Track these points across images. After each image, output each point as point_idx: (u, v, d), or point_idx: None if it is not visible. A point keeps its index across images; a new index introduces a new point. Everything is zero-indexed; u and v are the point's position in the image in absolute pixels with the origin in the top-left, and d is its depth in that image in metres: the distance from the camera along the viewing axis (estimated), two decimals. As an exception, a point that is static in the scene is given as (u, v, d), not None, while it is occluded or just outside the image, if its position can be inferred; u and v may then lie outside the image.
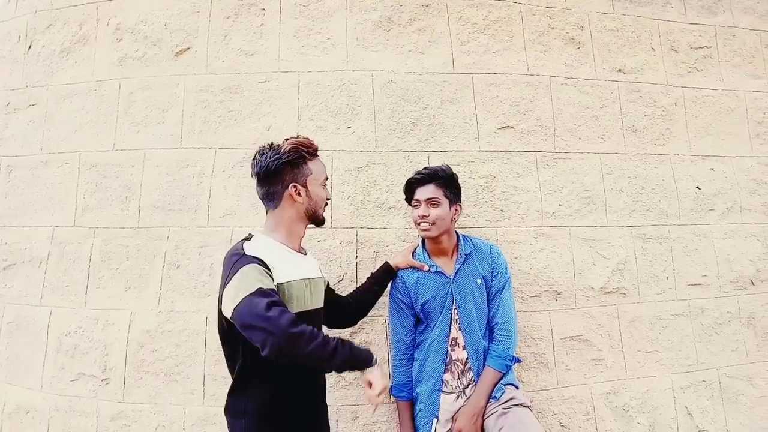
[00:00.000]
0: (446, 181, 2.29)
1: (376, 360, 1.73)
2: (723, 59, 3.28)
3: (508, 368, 2.24)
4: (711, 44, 3.26)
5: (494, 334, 2.27)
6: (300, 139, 1.89)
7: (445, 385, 2.25)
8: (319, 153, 1.96)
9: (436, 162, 2.71)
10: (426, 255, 2.35)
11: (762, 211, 3.17)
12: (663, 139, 3.06)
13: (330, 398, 2.17)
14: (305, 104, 2.77)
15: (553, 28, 3.00)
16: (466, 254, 2.31)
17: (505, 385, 2.22)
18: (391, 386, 2.36)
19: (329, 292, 2.20)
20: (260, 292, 1.60)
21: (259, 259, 1.70)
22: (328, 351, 1.60)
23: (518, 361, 2.31)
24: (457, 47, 2.88)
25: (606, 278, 2.84)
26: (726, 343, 2.98)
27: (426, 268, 2.31)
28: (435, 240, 2.30)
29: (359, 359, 1.69)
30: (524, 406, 2.16)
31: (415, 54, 2.85)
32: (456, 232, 2.39)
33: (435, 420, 2.22)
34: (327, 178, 1.98)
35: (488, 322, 2.31)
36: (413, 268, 2.33)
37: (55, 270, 2.81)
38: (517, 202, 2.79)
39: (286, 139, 1.89)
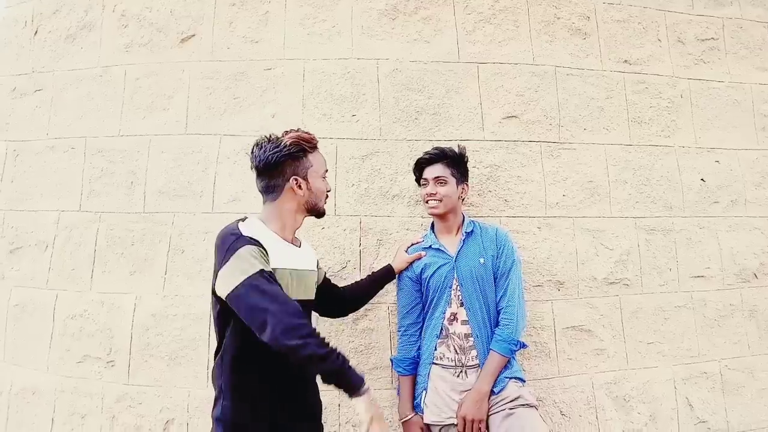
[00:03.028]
0: (454, 161, 2.37)
1: (366, 389, 1.62)
2: (730, 51, 3.26)
3: (512, 353, 2.23)
4: (718, 36, 3.25)
5: (500, 317, 2.28)
6: (300, 133, 1.89)
7: (441, 358, 2.26)
8: (321, 143, 1.98)
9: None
10: (433, 235, 2.42)
11: (766, 204, 3.16)
12: (668, 131, 3.05)
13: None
14: (310, 92, 2.78)
15: (559, 18, 2.99)
16: (467, 232, 2.35)
17: (509, 378, 2.21)
18: (392, 359, 2.43)
19: (326, 283, 2.23)
20: (262, 275, 1.61)
21: (257, 241, 1.71)
22: (323, 352, 1.56)
23: (524, 346, 2.30)
24: (463, 36, 2.88)
25: (609, 269, 2.84)
26: (728, 335, 2.99)
27: (423, 255, 2.36)
28: (442, 217, 2.36)
29: (349, 379, 1.61)
30: (531, 406, 2.16)
31: (421, 43, 2.85)
32: (463, 214, 2.44)
33: (423, 392, 2.27)
34: (327, 171, 1.99)
35: (496, 305, 2.31)
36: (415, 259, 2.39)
37: (61, 254, 2.84)
38: (521, 192, 2.79)
39: (286, 132, 1.89)
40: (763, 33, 3.34)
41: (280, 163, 1.84)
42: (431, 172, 2.36)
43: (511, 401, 2.14)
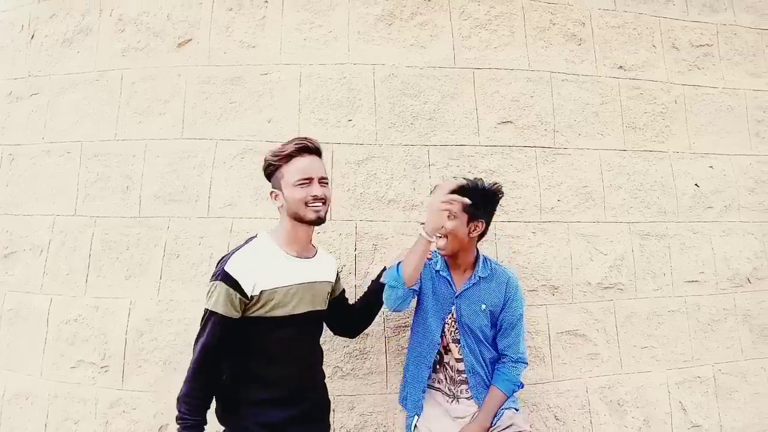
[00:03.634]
0: (471, 196, 2.08)
1: None
2: (724, 57, 3.28)
3: (513, 392, 2.21)
4: (712, 42, 3.27)
5: (505, 359, 2.22)
6: (271, 151, 1.96)
7: (437, 383, 2.27)
8: (312, 152, 1.94)
9: (435, 156, 2.73)
10: (444, 263, 2.28)
11: (760, 210, 3.18)
12: (662, 137, 3.07)
13: (327, 388, 2.20)
14: (306, 97, 2.78)
15: (554, 24, 3.00)
16: (480, 277, 2.23)
17: (506, 408, 2.19)
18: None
19: (341, 297, 2.24)
20: (214, 320, 1.80)
21: (234, 281, 1.80)
22: (177, 414, 1.79)
23: (522, 386, 2.26)
24: (459, 42, 2.89)
25: (603, 274, 2.86)
26: (721, 339, 3.00)
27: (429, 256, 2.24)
28: (450, 256, 2.24)
29: None
30: None
31: (417, 48, 2.86)
32: (478, 251, 2.29)
33: (416, 417, 2.25)
34: (308, 179, 1.89)
35: (494, 346, 2.25)
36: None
37: (55, 258, 2.83)
38: (516, 197, 2.80)
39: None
40: (757, 39, 3.36)
41: (269, 180, 1.99)
42: None
43: (504, 429, 2.13)
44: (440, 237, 2.15)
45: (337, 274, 2.18)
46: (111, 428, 2.61)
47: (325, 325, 2.19)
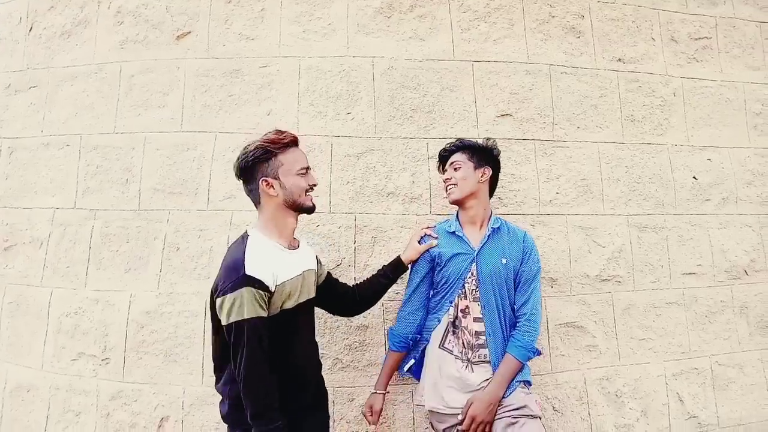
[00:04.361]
0: (471, 147, 2.36)
1: None
2: (722, 50, 3.28)
3: (528, 359, 2.21)
4: (711, 35, 3.27)
5: (519, 323, 2.22)
6: (265, 136, 1.95)
7: (450, 347, 2.24)
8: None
9: (434, 149, 2.73)
10: (458, 224, 2.35)
11: (757, 202, 3.19)
12: (661, 129, 3.08)
13: (327, 380, 2.22)
14: (305, 89, 2.78)
15: (553, 16, 3.00)
16: (494, 228, 2.29)
17: (519, 381, 2.17)
18: (389, 330, 2.39)
19: (329, 279, 2.26)
20: (251, 326, 1.75)
21: (259, 281, 1.78)
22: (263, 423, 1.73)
23: (539, 353, 2.26)
24: (458, 34, 2.89)
25: (601, 266, 2.87)
26: (718, 331, 3.02)
27: (435, 244, 2.31)
28: (462, 205, 2.33)
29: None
30: (534, 417, 2.11)
31: (416, 41, 2.86)
32: (491, 209, 2.40)
33: (412, 361, 2.32)
34: (306, 168, 1.97)
35: (512, 308, 2.26)
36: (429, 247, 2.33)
37: (55, 251, 2.84)
38: (514, 190, 2.81)
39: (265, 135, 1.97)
40: (755, 32, 3.36)
41: (250, 169, 1.94)
42: (449, 160, 2.37)
43: (515, 409, 2.10)
44: (453, 187, 2.30)
45: (317, 259, 2.19)
46: (112, 420, 2.63)
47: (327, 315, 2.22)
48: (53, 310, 2.79)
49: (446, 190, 2.36)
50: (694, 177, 3.08)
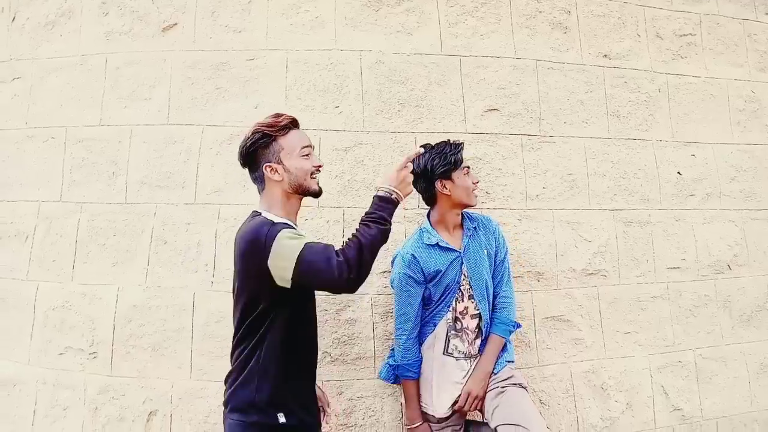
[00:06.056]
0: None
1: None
2: (707, 47, 3.32)
3: (510, 333, 2.37)
4: (695, 32, 3.30)
5: (497, 302, 2.39)
6: (262, 121, 1.93)
7: (454, 351, 2.31)
8: (299, 125, 1.96)
9: (422, 143, 2.73)
10: (434, 231, 2.33)
11: (740, 198, 3.24)
12: (646, 125, 3.10)
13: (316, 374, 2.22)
14: (293, 83, 2.77)
15: (540, 12, 3.01)
16: (473, 227, 2.38)
17: (507, 361, 2.36)
18: (398, 366, 2.33)
19: None
20: (309, 246, 1.72)
21: (289, 224, 1.83)
22: (378, 238, 1.77)
23: (519, 326, 2.44)
24: (446, 29, 2.89)
25: (587, 260, 2.90)
26: (702, 325, 3.06)
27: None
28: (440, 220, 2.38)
29: (388, 211, 1.82)
30: (521, 387, 2.27)
31: (404, 35, 2.86)
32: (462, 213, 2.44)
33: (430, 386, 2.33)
34: (309, 146, 1.95)
35: (494, 291, 2.40)
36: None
37: (41, 245, 2.81)
38: (502, 185, 2.82)
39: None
40: (739, 29, 3.40)
41: (252, 155, 1.91)
42: (464, 161, 2.35)
43: (503, 380, 2.26)
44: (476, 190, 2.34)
45: None
46: (100, 414, 2.62)
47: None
48: (39, 304, 2.77)
49: (473, 191, 2.32)
50: (678, 172, 3.12)
